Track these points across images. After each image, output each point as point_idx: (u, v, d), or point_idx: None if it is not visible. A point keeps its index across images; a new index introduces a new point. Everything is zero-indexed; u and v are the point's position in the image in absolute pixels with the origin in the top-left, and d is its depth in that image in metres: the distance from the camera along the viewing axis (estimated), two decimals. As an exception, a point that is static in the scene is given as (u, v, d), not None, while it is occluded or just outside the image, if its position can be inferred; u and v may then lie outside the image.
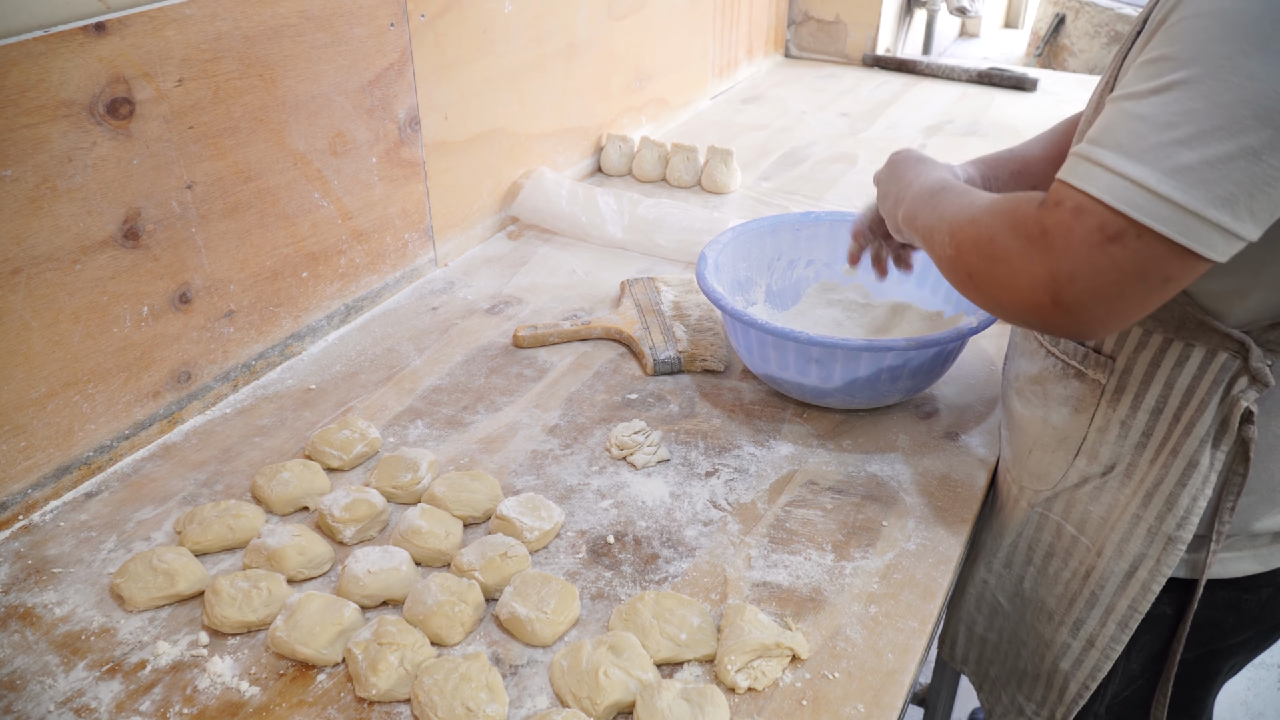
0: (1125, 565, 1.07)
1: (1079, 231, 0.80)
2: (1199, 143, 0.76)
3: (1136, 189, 0.78)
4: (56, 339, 1.14)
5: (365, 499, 1.13)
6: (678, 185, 2.08)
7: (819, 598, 1.05)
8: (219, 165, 1.28)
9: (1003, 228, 0.88)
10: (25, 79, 1.04)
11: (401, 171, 1.59)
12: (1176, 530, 1.02)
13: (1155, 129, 0.78)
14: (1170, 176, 0.77)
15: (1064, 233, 0.81)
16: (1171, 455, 1.01)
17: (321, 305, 1.51)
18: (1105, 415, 1.06)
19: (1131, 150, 0.79)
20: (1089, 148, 0.81)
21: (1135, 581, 1.06)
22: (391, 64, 1.51)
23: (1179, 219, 0.77)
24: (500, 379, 1.42)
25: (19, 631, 1.00)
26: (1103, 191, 0.79)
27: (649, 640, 0.97)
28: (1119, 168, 0.78)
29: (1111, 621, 1.09)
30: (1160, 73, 0.79)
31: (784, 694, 0.94)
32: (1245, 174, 0.75)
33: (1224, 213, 0.76)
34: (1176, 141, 0.77)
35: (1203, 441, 0.99)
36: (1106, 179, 0.79)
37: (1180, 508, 1.01)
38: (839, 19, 2.90)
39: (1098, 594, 1.10)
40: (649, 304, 1.56)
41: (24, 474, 1.14)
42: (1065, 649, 1.15)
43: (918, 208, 1.07)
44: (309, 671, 0.96)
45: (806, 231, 1.53)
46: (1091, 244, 0.80)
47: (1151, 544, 1.04)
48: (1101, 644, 1.11)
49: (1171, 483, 1.01)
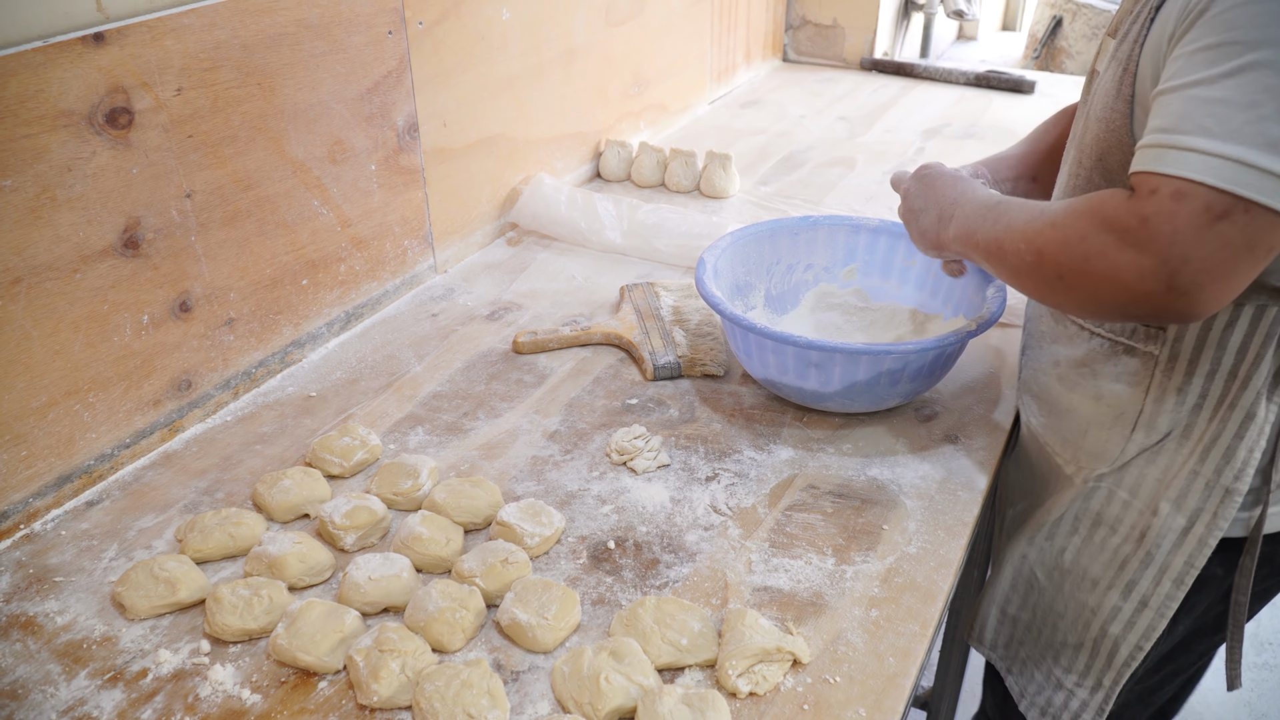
0: (1182, 521, 1.09)
1: (1184, 214, 0.83)
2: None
3: (1237, 166, 0.81)
4: (57, 348, 1.14)
5: (366, 506, 1.13)
6: (676, 190, 2.08)
7: (820, 602, 1.06)
8: (218, 174, 1.28)
9: (1091, 225, 0.91)
10: (24, 89, 1.04)
11: (400, 179, 1.59)
12: (1234, 482, 1.05)
13: (1240, 109, 0.81)
14: (1269, 150, 0.80)
15: (1168, 218, 0.84)
16: (1230, 410, 1.04)
17: (321, 312, 1.51)
18: (1161, 385, 1.08)
19: (1221, 132, 0.82)
20: (1172, 136, 0.85)
21: (1192, 537, 1.09)
22: (390, 71, 1.51)
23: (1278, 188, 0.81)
24: (500, 385, 1.42)
25: (21, 640, 1.00)
26: (1202, 174, 0.82)
27: (650, 646, 0.97)
28: (1214, 149, 0.82)
29: (1167, 579, 1.12)
30: (1226, 57, 0.82)
31: (785, 699, 0.95)
32: None
33: None
34: (1265, 118, 0.80)
35: (1259, 394, 1.03)
36: (1203, 161, 0.82)
37: (1238, 459, 1.05)
38: (836, 23, 2.90)
39: (1153, 553, 1.12)
40: (648, 309, 1.56)
41: (25, 483, 1.14)
42: (1115, 613, 1.16)
43: (975, 223, 1.08)
44: (310, 679, 0.96)
45: (805, 235, 1.53)
46: (1199, 225, 0.83)
47: (1209, 497, 1.07)
48: (1156, 603, 1.13)
49: (1229, 436, 1.04)
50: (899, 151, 2.30)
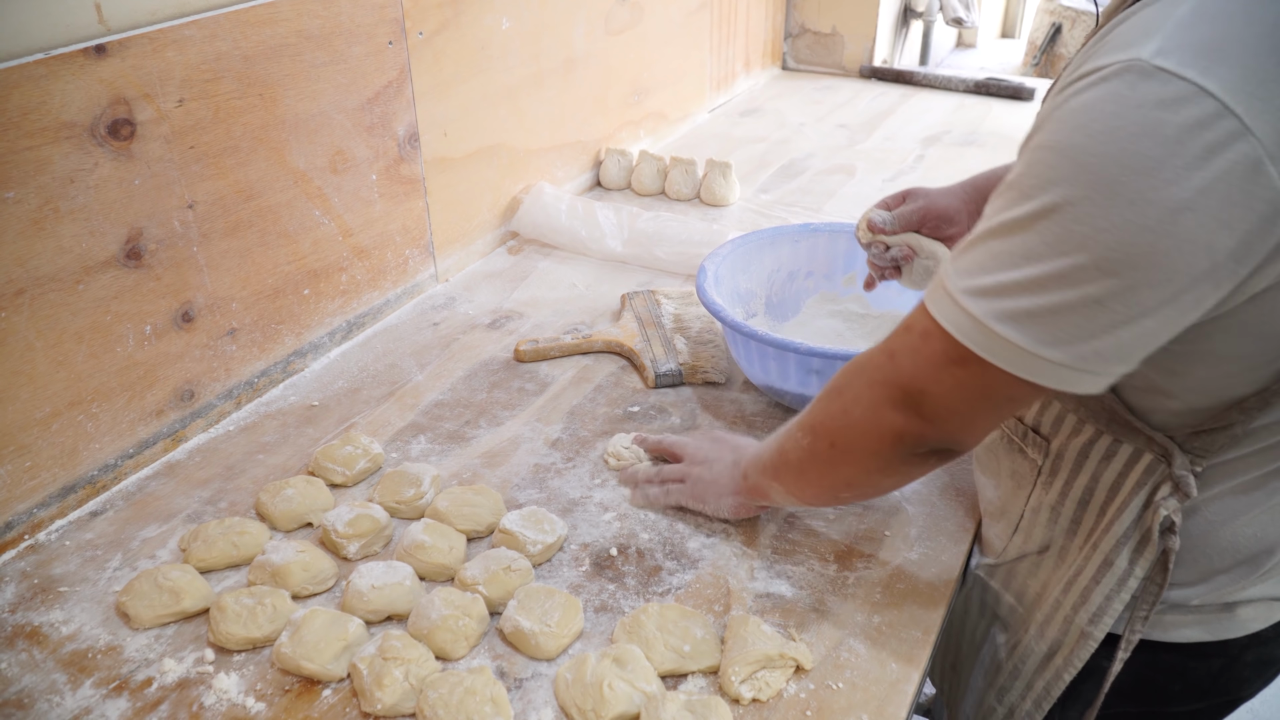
0: (1045, 647, 1.05)
1: (925, 352, 0.84)
2: (1038, 289, 0.75)
3: (975, 325, 0.79)
4: (60, 359, 1.14)
5: (368, 514, 1.13)
6: (677, 198, 2.09)
7: (822, 608, 1.06)
8: (220, 184, 1.28)
9: (849, 375, 0.93)
10: (27, 101, 1.04)
11: (401, 188, 1.60)
12: (1089, 625, 0.99)
13: (1000, 267, 0.77)
14: (1007, 320, 0.77)
15: (911, 353, 0.86)
16: (1092, 549, 0.98)
17: (323, 322, 1.51)
18: (1039, 496, 1.04)
19: (976, 286, 0.79)
20: (948, 270, 0.83)
21: (1051, 666, 1.05)
22: (390, 82, 1.52)
23: (1016, 356, 0.77)
24: (502, 393, 1.43)
25: (26, 650, 1.00)
26: (947, 321, 0.81)
27: (653, 652, 0.97)
28: (963, 301, 0.80)
29: (1029, 698, 1.08)
30: (1011, 204, 0.77)
31: (788, 705, 0.95)
32: (1086, 320, 0.74)
33: (1062, 352, 0.76)
34: (1018, 285, 0.76)
35: (1120, 542, 0.95)
36: (952, 310, 0.81)
37: (1093, 604, 0.98)
38: (835, 31, 2.91)
39: (1020, 668, 1.09)
40: (649, 317, 1.57)
41: (29, 494, 1.15)
42: (991, 712, 1.14)
43: (762, 448, 1.08)
44: (314, 687, 0.97)
45: (806, 243, 1.53)
46: (937, 364, 0.84)
47: (1067, 633, 1.02)
48: (1019, 717, 1.10)
49: (1087, 577, 0.99)
50: (899, 159, 2.30)
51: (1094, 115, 0.71)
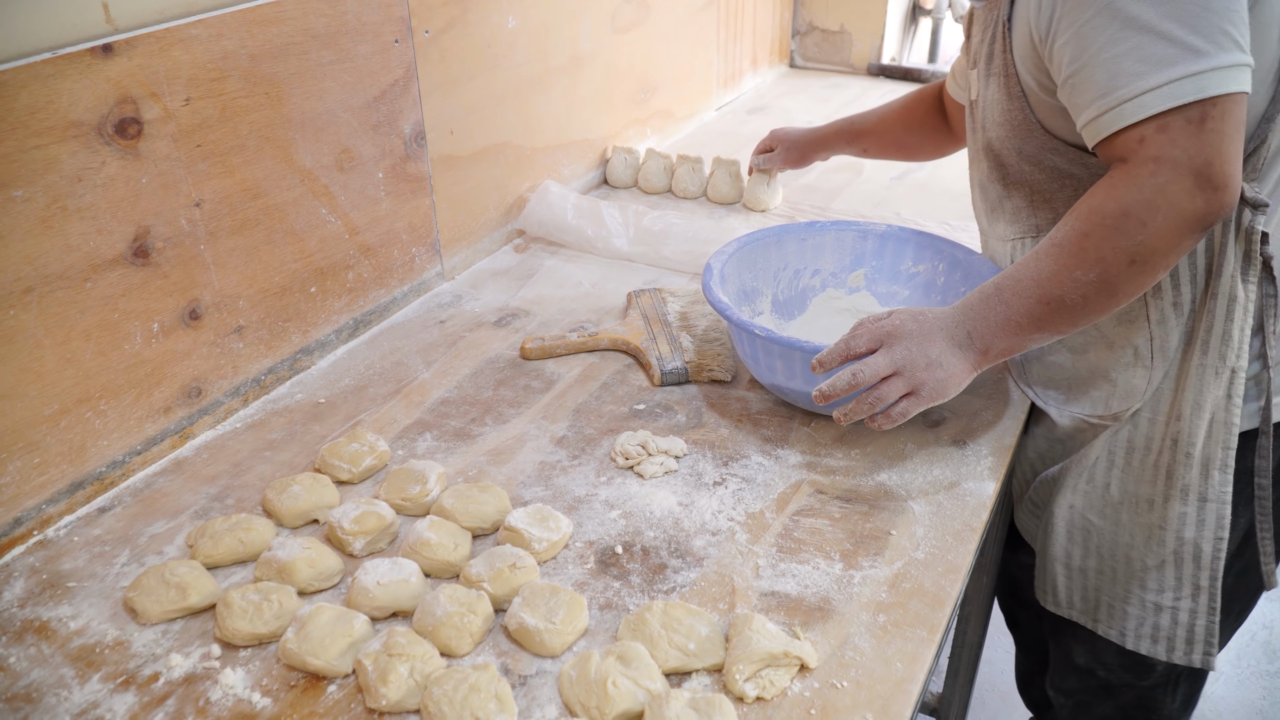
0: (1206, 415, 1.15)
1: (1178, 137, 0.97)
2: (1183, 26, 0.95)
3: (1182, 81, 0.95)
4: (68, 356, 1.15)
5: (374, 511, 1.13)
6: (683, 196, 2.09)
7: (827, 607, 1.06)
8: (227, 183, 1.29)
9: (1122, 202, 1.01)
10: (34, 100, 1.05)
11: (408, 186, 1.60)
12: (1237, 360, 1.13)
13: (1148, 43, 0.96)
14: (1189, 52, 0.95)
15: (1170, 144, 0.97)
16: (1212, 299, 1.13)
17: (330, 320, 1.52)
18: (1157, 309, 1.17)
19: (1150, 66, 0.96)
20: (1115, 95, 0.99)
21: (1218, 424, 1.15)
22: (396, 80, 1.52)
23: (1222, 76, 0.95)
24: (508, 391, 1.43)
25: (34, 645, 1.01)
26: (1166, 102, 0.96)
27: (657, 650, 0.97)
28: (1157, 81, 0.96)
29: (1214, 470, 1.17)
30: (1105, 22, 0.98)
31: (792, 703, 0.95)
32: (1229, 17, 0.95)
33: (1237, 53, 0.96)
34: (1164, 35, 0.96)
35: (1233, 278, 1.11)
36: (1157, 96, 0.96)
37: (1234, 340, 1.13)
38: (843, 29, 2.91)
39: (1191, 453, 1.17)
40: (655, 315, 1.57)
41: (38, 490, 1.15)
42: (1183, 519, 1.20)
43: (1001, 308, 1.10)
44: (320, 683, 0.97)
45: (812, 240, 1.53)
46: (1193, 134, 0.96)
47: (1219, 382, 1.13)
48: (1214, 494, 1.18)
49: (1221, 321, 1.13)
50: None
51: None
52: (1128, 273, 1.03)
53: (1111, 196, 1.02)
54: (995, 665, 2.41)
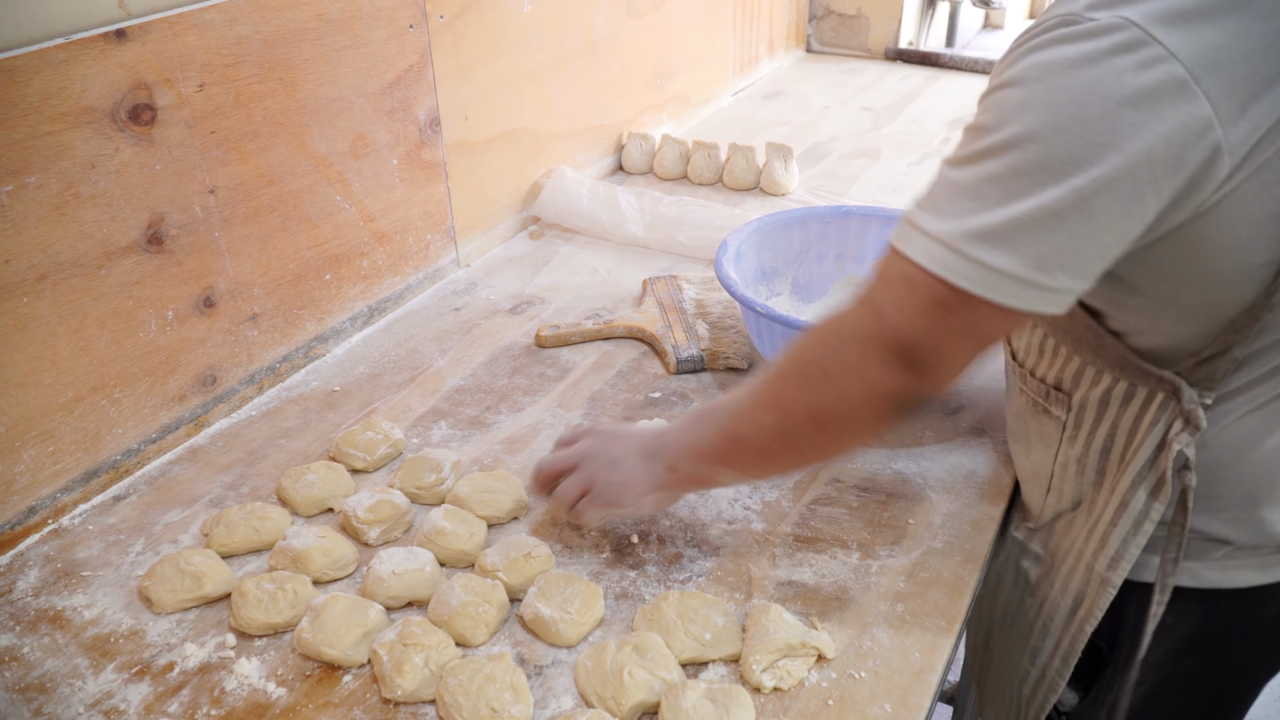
0: (1070, 600, 1.06)
1: (912, 303, 0.83)
2: (1002, 207, 0.78)
3: (958, 258, 0.79)
4: (83, 344, 1.15)
5: (389, 500, 1.13)
6: (699, 182, 2.07)
7: (845, 596, 1.05)
8: (241, 169, 1.28)
9: (820, 351, 0.90)
10: (47, 87, 1.04)
11: (422, 173, 1.59)
12: (1107, 571, 1.00)
13: (970, 195, 0.80)
14: (987, 245, 0.78)
15: (898, 304, 0.84)
16: (1110, 493, 0.99)
17: (344, 307, 1.51)
18: (1066, 452, 1.05)
19: (949, 214, 0.81)
20: (915, 211, 0.84)
21: (1075, 620, 1.05)
22: (411, 66, 1.51)
23: (1003, 284, 0.79)
24: (523, 379, 1.42)
25: (49, 634, 1.01)
26: (933, 264, 0.81)
27: (673, 640, 0.97)
28: (940, 233, 0.80)
29: (1058, 655, 1.09)
30: (973, 139, 0.82)
31: (810, 694, 0.94)
32: (1052, 233, 0.78)
33: (1041, 273, 0.78)
34: (986, 206, 0.79)
35: (1135, 482, 0.97)
36: (931, 249, 0.81)
37: (1110, 548, 0.99)
38: (861, 13, 2.88)
39: (1049, 625, 1.10)
40: (671, 302, 1.56)
41: (53, 478, 1.15)
42: (1025, 675, 1.15)
43: (692, 434, 1.01)
44: (335, 673, 0.97)
45: (836, 225, 1.51)
46: (927, 312, 0.82)
47: (1088, 583, 1.03)
48: (1050, 675, 1.11)
49: (1106, 521, 1.00)
50: (924, 142, 2.27)
51: (1035, 59, 0.79)
52: (808, 430, 0.91)
53: (820, 339, 0.90)
54: (1013, 654, 2.39)
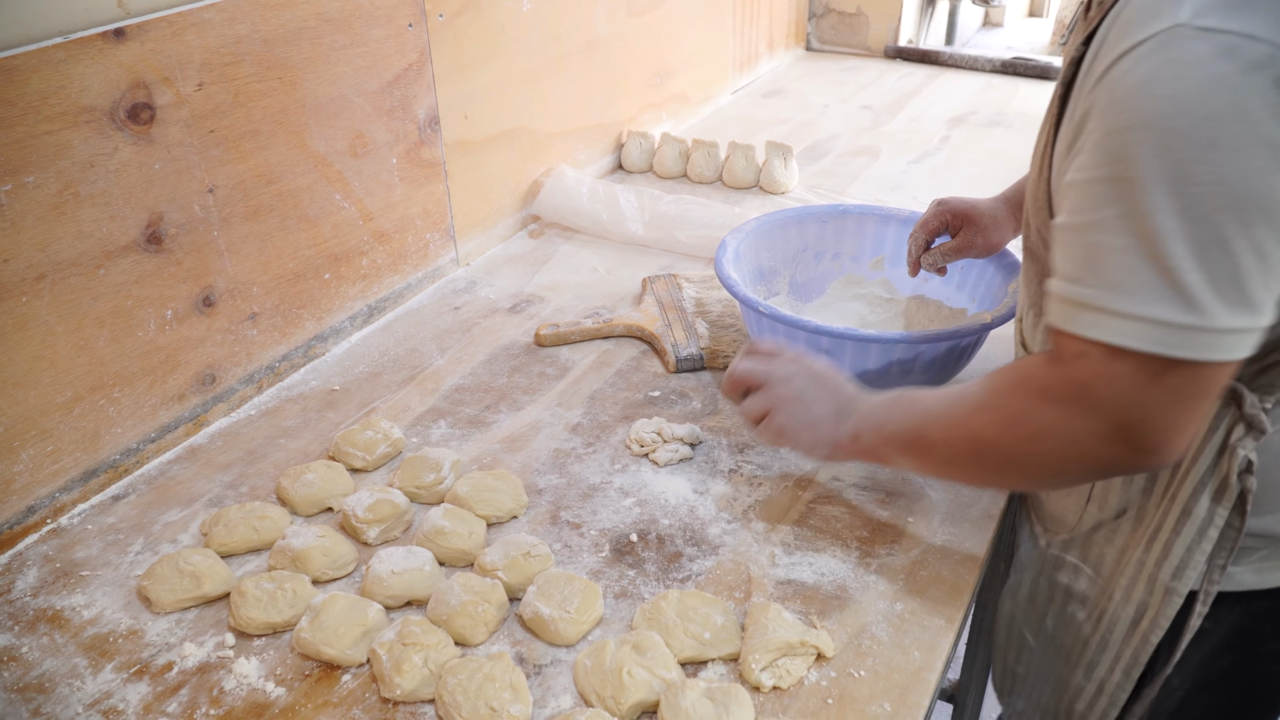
0: (1131, 612, 1.04)
1: (1123, 377, 0.80)
2: (1194, 259, 0.75)
3: (1159, 327, 0.77)
4: (82, 344, 1.15)
5: (389, 499, 1.13)
6: (699, 181, 2.07)
7: (844, 595, 1.05)
8: (240, 168, 1.28)
9: (1028, 402, 0.88)
10: (46, 86, 1.04)
11: (422, 172, 1.59)
12: (1172, 581, 0.99)
13: (1143, 258, 0.76)
14: (1183, 304, 0.76)
15: (1109, 382, 0.81)
16: (1170, 502, 0.98)
17: (344, 306, 1.51)
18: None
19: (1132, 287, 0.77)
20: (1081, 290, 0.81)
21: (1138, 631, 1.04)
22: (410, 64, 1.51)
23: (1211, 340, 0.77)
24: (522, 378, 1.42)
25: (48, 634, 1.01)
26: (1127, 338, 0.78)
27: (673, 639, 0.97)
28: (1128, 310, 0.78)
29: (1119, 669, 1.07)
30: (1118, 196, 0.77)
31: (809, 693, 0.94)
32: (1259, 272, 0.75)
33: (1250, 316, 0.76)
34: (1170, 268, 0.75)
35: (1197, 489, 0.95)
36: (1123, 325, 0.78)
37: (1175, 557, 0.98)
38: (860, 11, 2.88)
39: (1107, 639, 1.07)
40: (671, 301, 1.56)
41: (52, 478, 1.15)
42: (1079, 691, 1.13)
43: (884, 415, 1.02)
44: (334, 672, 0.97)
45: (834, 224, 1.51)
46: (1141, 385, 0.80)
47: (1152, 593, 1.01)
48: (1109, 690, 1.09)
49: (1168, 530, 0.98)
50: (924, 140, 2.27)
51: (1159, 83, 0.74)
52: (1000, 469, 0.93)
53: (1024, 395, 0.89)
54: (1013, 653, 2.39)
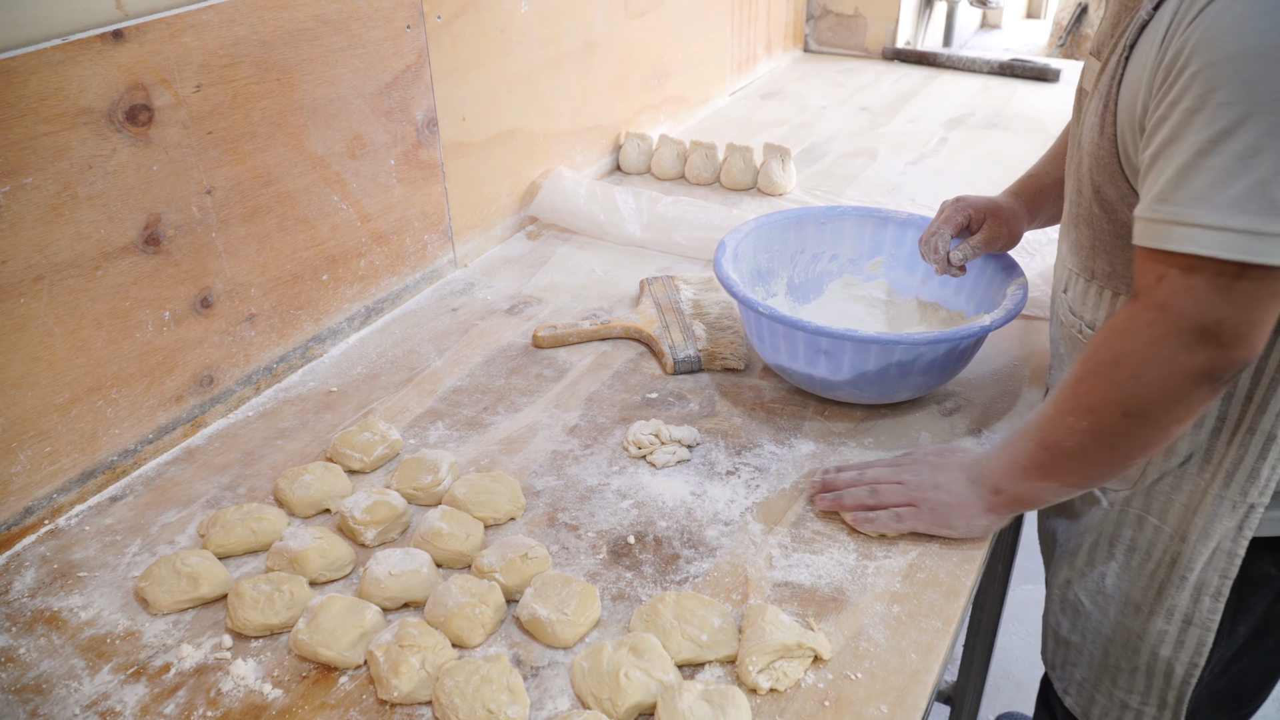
0: (1211, 543, 1.09)
1: (1200, 285, 0.86)
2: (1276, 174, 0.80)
3: (1242, 236, 0.81)
4: (80, 345, 1.15)
5: (386, 501, 1.13)
6: (697, 182, 2.07)
7: (841, 597, 1.05)
8: (238, 170, 1.28)
9: (1115, 346, 0.93)
10: (44, 87, 1.04)
11: (420, 173, 1.59)
12: (1260, 496, 1.05)
13: (1235, 175, 0.81)
14: (1271, 213, 0.80)
15: (1186, 293, 0.87)
16: (1249, 434, 1.03)
17: (342, 308, 1.51)
18: None
19: (1220, 201, 0.83)
20: (1171, 208, 0.86)
21: (1220, 553, 1.09)
22: (408, 66, 1.51)
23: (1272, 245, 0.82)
24: (520, 379, 1.42)
25: (45, 635, 1.01)
26: (1209, 248, 0.83)
27: (670, 641, 0.97)
28: (1215, 221, 0.83)
29: (1205, 596, 1.11)
30: (1215, 119, 0.82)
31: (806, 695, 0.94)
32: None
33: None
34: (1263, 181, 0.80)
35: (1278, 416, 1.01)
36: (1207, 236, 0.83)
37: (1262, 478, 1.04)
38: (858, 13, 2.88)
39: (1186, 575, 1.11)
40: (668, 302, 1.56)
41: (49, 479, 1.15)
42: (1162, 636, 1.15)
43: (1010, 454, 1.06)
44: (331, 674, 0.97)
45: (832, 225, 1.52)
46: (1218, 289, 0.86)
47: (1234, 514, 1.06)
48: (1200, 619, 1.13)
49: (1253, 459, 1.04)
50: (922, 142, 2.28)
51: (1256, 18, 0.79)
52: (1123, 425, 0.96)
53: (1107, 343, 0.95)
54: (1010, 653, 2.40)
